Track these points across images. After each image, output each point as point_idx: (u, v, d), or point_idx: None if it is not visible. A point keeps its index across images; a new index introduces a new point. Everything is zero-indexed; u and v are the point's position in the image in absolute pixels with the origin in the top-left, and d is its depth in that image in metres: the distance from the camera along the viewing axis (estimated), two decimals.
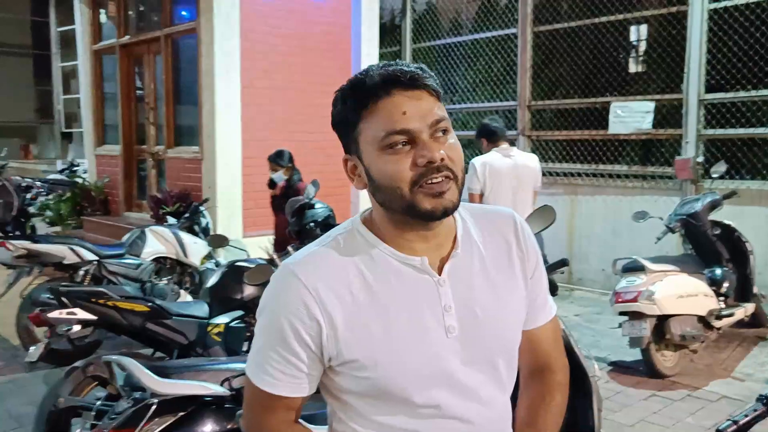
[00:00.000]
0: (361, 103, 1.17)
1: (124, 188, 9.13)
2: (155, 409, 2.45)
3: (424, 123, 1.15)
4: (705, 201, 5.51)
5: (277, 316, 1.20)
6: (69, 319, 3.49)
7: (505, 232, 1.32)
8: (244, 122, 7.43)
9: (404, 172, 1.15)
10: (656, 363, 4.93)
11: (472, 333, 1.23)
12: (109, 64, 9.50)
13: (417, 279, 1.22)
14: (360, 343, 1.18)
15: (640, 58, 8.18)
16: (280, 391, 1.22)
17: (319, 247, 1.25)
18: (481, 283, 1.27)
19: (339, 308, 1.18)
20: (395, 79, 1.15)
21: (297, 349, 1.19)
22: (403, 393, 1.20)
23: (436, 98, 1.19)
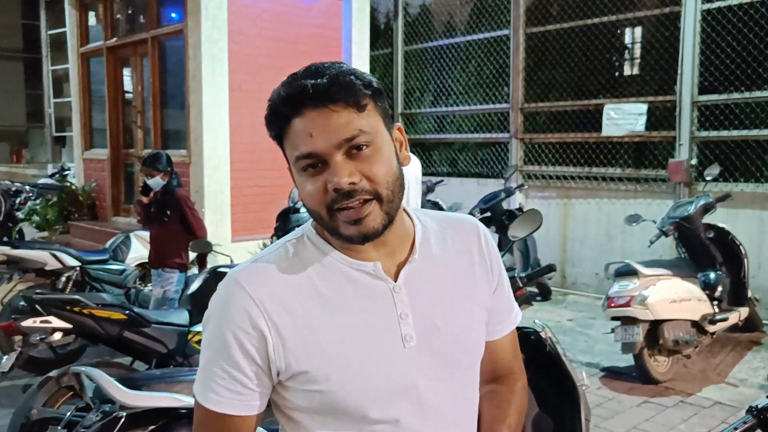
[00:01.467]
0: (278, 126, 1.11)
1: (112, 193, 9.03)
2: (124, 422, 2.36)
3: (332, 142, 1.06)
4: (698, 204, 5.44)
5: (220, 329, 1.12)
6: (43, 327, 3.38)
7: (467, 241, 1.27)
8: (232, 125, 7.34)
9: (319, 195, 1.08)
10: (649, 369, 4.85)
11: (431, 342, 1.16)
12: (98, 67, 9.41)
13: (370, 286, 1.15)
14: (310, 354, 1.10)
15: (634, 60, 8.13)
16: (225, 409, 1.12)
17: (267, 255, 1.18)
18: (441, 291, 1.20)
19: (287, 318, 1.11)
20: (301, 98, 1.07)
21: (241, 363, 1.11)
22: (358, 408, 1.11)
23: (357, 109, 1.07)
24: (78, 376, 2.65)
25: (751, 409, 1.90)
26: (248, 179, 7.51)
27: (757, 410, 1.88)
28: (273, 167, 7.66)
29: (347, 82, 1.07)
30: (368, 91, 1.10)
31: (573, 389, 2.63)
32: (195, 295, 3.91)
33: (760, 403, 1.89)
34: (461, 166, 9.03)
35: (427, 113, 9.62)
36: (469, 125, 9.07)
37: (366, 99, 1.09)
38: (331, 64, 1.11)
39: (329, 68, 1.09)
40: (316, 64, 1.12)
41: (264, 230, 6.83)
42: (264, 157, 7.63)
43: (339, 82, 1.07)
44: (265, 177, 7.53)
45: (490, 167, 8.69)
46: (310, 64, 1.13)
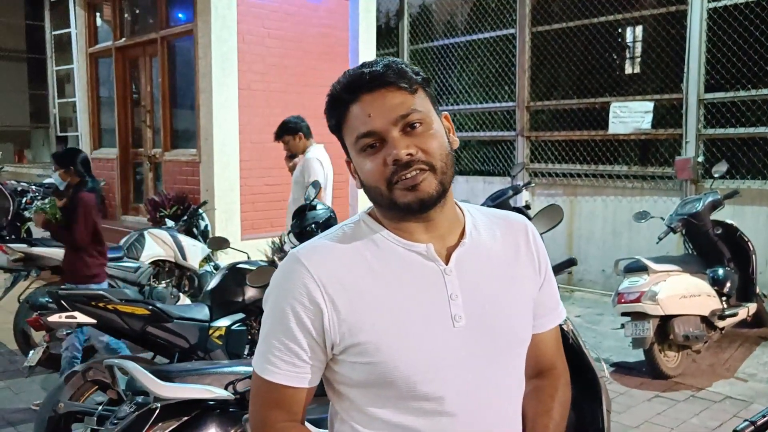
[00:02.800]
0: (337, 113, 1.22)
1: (121, 192, 9.06)
2: (158, 413, 2.41)
3: (389, 119, 1.16)
4: (706, 201, 5.49)
5: (279, 302, 1.20)
6: (69, 323, 3.42)
7: (515, 236, 1.33)
8: (242, 125, 7.38)
9: (379, 171, 1.18)
10: (659, 364, 4.90)
11: (480, 324, 1.22)
12: (105, 67, 9.44)
13: (423, 266, 1.22)
14: (363, 327, 1.17)
15: (639, 59, 8.17)
16: (280, 379, 1.20)
17: (326, 235, 1.27)
18: (490, 276, 1.26)
19: (342, 292, 1.17)
20: (358, 84, 1.19)
21: (298, 335, 1.18)
22: (406, 381, 1.17)
23: (410, 92, 1.19)
24: (111, 369, 2.70)
25: None
26: (257, 178, 7.55)
27: None
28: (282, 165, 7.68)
29: (399, 69, 1.19)
30: (418, 77, 1.21)
31: (594, 381, 2.67)
32: (214, 291, 3.95)
33: None
34: (467, 164, 9.08)
35: None
36: (474, 124, 9.11)
37: (416, 84, 1.21)
38: (383, 58, 1.24)
39: (381, 59, 1.22)
40: (369, 60, 1.24)
41: (273, 228, 6.88)
42: (273, 155, 7.66)
43: (392, 68, 1.19)
44: (274, 176, 7.57)
45: (496, 165, 8.74)
46: (364, 62, 1.24)
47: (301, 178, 5.11)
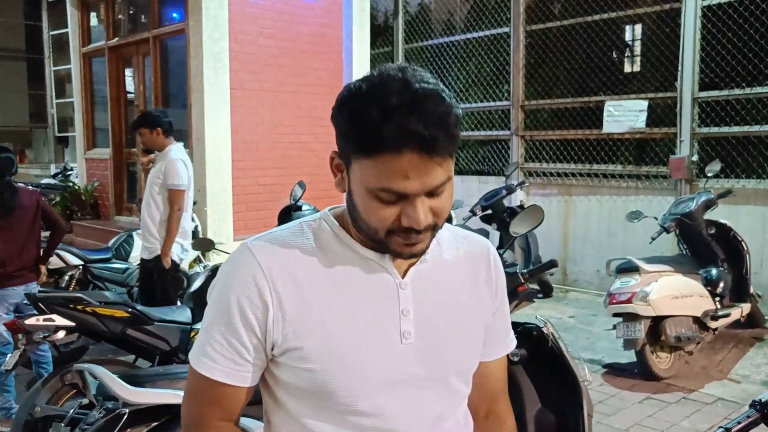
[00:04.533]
0: (365, 145, 1.05)
1: (114, 192, 9.05)
2: (127, 418, 2.37)
3: (425, 189, 1.06)
4: (700, 200, 5.44)
5: (225, 294, 1.13)
6: (46, 326, 3.39)
7: (477, 258, 1.29)
8: (234, 125, 7.35)
9: (385, 221, 1.09)
10: (651, 365, 4.86)
11: (428, 343, 1.17)
12: (99, 66, 9.42)
13: (378, 277, 1.17)
14: (309, 331, 1.12)
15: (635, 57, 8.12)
16: (218, 376, 1.14)
17: (283, 230, 1.20)
18: (445, 295, 1.22)
19: (292, 291, 1.12)
20: (413, 140, 1.02)
21: (241, 331, 1.12)
22: (347, 395, 1.12)
23: (451, 157, 1.08)
24: (81, 374, 2.66)
25: (755, 403, 1.88)
26: (250, 178, 7.52)
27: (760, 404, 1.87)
28: (274, 166, 7.69)
29: (453, 130, 1.05)
30: (460, 130, 1.09)
31: (575, 385, 2.63)
32: (198, 293, 3.92)
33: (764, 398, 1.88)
34: (462, 164, 9.04)
35: None
36: (469, 123, 9.07)
37: (455, 148, 1.09)
38: (430, 92, 1.04)
39: (434, 103, 1.04)
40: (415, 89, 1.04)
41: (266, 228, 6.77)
42: (265, 155, 7.66)
43: (448, 131, 1.04)
44: (266, 176, 7.54)
45: (491, 165, 8.69)
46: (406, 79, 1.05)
47: (159, 179, 4.71)
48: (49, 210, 4.54)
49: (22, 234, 4.24)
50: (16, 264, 4.20)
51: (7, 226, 4.18)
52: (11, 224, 4.20)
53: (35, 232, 4.36)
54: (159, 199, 4.71)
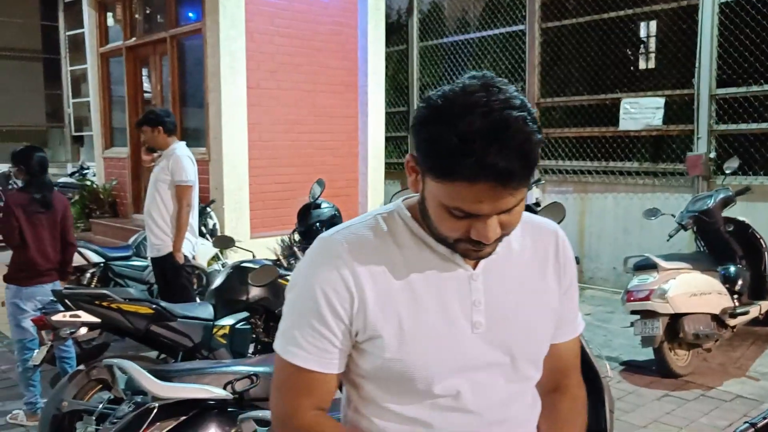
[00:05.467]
0: (440, 171, 1.06)
1: (132, 190, 9.13)
2: (156, 413, 2.41)
3: (495, 211, 1.09)
4: (717, 197, 5.42)
5: (311, 288, 1.19)
6: (72, 322, 3.44)
7: (546, 244, 1.32)
8: (251, 123, 7.40)
9: (455, 232, 1.13)
10: (669, 362, 4.85)
11: (498, 332, 1.22)
12: (117, 66, 9.51)
13: (450, 270, 1.21)
14: (387, 320, 1.17)
15: (651, 54, 8.09)
16: (310, 365, 1.19)
17: (359, 223, 1.25)
18: (514, 285, 1.26)
19: (371, 285, 1.17)
20: (486, 174, 1.02)
21: (329, 320, 1.18)
22: (424, 380, 1.19)
23: (526, 186, 1.09)
24: (110, 368, 2.72)
25: None
26: (267, 176, 7.57)
27: None
28: (291, 164, 7.74)
29: (532, 161, 1.04)
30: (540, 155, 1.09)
31: (597, 380, 2.64)
32: (219, 290, 3.96)
33: None
34: None
35: None
36: None
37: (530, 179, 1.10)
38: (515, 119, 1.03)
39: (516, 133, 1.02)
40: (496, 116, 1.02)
41: (283, 227, 6.89)
42: (282, 154, 7.71)
43: (527, 162, 1.04)
44: (283, 174, 7.59)
45: None
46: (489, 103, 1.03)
47: (167, 177, 4.74)
48: (70, 223, 4.58)
49: (53, 233, 4.32)
50: (47, 262, 4.28)
51: (41, 224, 4.26)
52: (45, 222, 4.28)
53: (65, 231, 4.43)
54: (167, 196, 4.75)
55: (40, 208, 4.25)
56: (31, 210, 4.23)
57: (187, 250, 4.78)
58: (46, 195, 4.28)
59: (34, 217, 4.24)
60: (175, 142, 4.89)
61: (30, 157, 4.32)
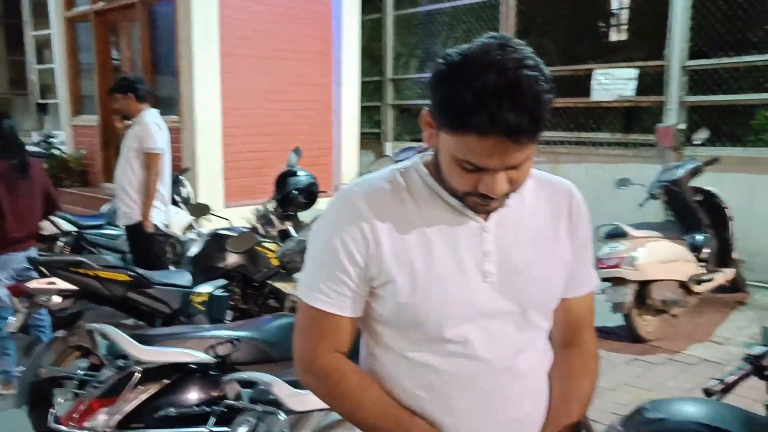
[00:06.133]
0: (453, 124, 1.12)
1: (103, 159, 8.98)
2: (139, 377, 2.42)
3: (504, 165, 1.14)
4: (686, 168, 5.53)
5: (330, 235, 1.27)
6: (48, 289, 3.41)
7: (559, 201, 1.36)
8: (225, 91, 7.30)
9: (464, 185, 1.19)
10: (638, 328, 4.98)
11: (509, 281, 1.27)
12: (84, 32, 9.27)
13: (463, 222, 1.27)
14: (401, 268, 1.24)
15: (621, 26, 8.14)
16: (331, 308, 1.27)
17: (377, 177, 1.32)
18: (525, 239, 1.30)
19: (387, 233, 1.24)
20: (502, 128, 1.08)
21: (347, 266, 1.25)
22: (434, 325, 1.25)
23: (536, 141, 1.14)
24: (90, 334, 2.71)
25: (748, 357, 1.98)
26: (241, 145, 7.50)
27: (753, 358, 1.97)
28: (265, 132, 7.67)
29: (542, 119, 1.10)
30: (551, 113, 1.13)
31: None
32: (197, 258, 3.96)
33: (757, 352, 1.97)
34: None
35: (416, 78, 9.61)
36: None
37: (540, 135, 1.14)
38: (528, 77, 1.08)
39: (528, 91, 1.08)
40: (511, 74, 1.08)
41: (258, 195, 6.84)
42: (256, 122, 7.64)
43: (537, 119, 1.09)
44: (258, 143, 7.53)
45: None
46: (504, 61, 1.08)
47: (135, 143, 4.70)
48: (51, 184, 4.52)
49: (30, 200, 4.25)
50: (23, 230, 4.21)
51: (20, 192, 4.19)
52: (24, 190, 4.20)
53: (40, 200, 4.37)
54: (136, 163, 4.70)
55: (19, 174, 4.17)
56: (11, 178, 4.16)
57: (158, 218, 4.74)
58: (23, 159, 4.21)
59: (14, 184, 4.17)
60: (147, 109, 4.82)
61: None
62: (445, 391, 1.27)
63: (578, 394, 1.38)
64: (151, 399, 2.42)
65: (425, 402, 1.28)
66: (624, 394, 4.14)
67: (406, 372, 1.29)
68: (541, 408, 1.36)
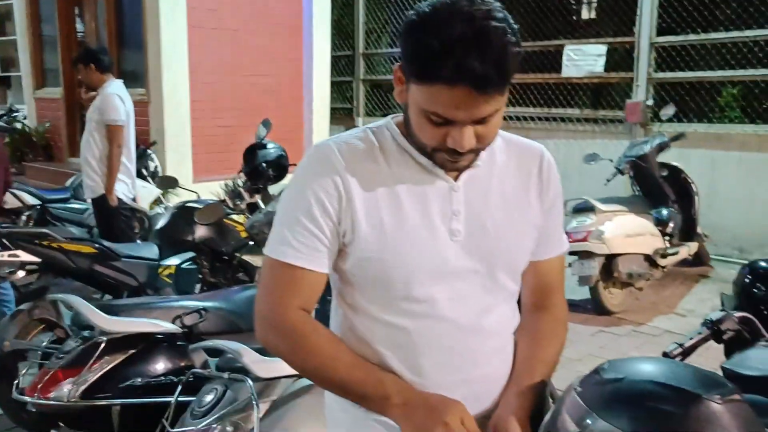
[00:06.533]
0: (422, 74, 1.13)
1: (67, 133, 8.81)
2: (105, 346, 2.40)
3: (471, 118, 1.15)
4: (653, 143, 5.61)
5: (303, 188, 1.26)
6: (11, 261, 3.35)
7: (529, 163, 1.36)
8: (192, 64, 7.19)
9: (433, 139, 1.19)
10: (603, 300, 5.06)
11: (476, 241, 1.28)
12: (47, 3, 9.03)
13: (432, 181, 1.28)
14: (371, 224, 1.24)
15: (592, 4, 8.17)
16: (300, 262, 1.25)
17: (350, 135, 1.31)
18: (495, 199, 1.31)
19: (358, 188, 1.25)
20: (467, 77, 1.08)
21: (319, 218, 1.24)
22: (402, 283, 1.25)
23: (502, 93, 1.14)
24: (54, 305, 2.68)
25: (707, 321, 2.03)
26: (209, 119, 7.41)
27: (711, 322, 2.02)
28: (235, 107, 7.59)
29: (508, 68, 1.11)
30: (516, 68, 1.13)
31: None
32: (164, 230, 3.93)
33: (715, 316, 2.03)
34: None
35: (387, 54, 9.56)
36: None
37: (507, 86, 1.15)
38: (495, 28, 1.09)
39: (495, 41, 1.09)
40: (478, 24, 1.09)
41: (227, 171, 6.77)
42: (226, 96, 7.54)
43: (503, 70, 1.10)
44: (227, 117, 7.44)
45: None
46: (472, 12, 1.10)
47: (96, 115, 4.62)
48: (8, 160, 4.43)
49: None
50: None
51: None
52: None
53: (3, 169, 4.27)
54: (98, 136, 4.60)
55: None
56: None
57: (122, 191, 4.65)
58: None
59: None
60: (110, 80, 4.72)
61: None
62: (411, 349, 1.27)
63: (544, 357, 1.38)
64: (116, 369, 2.40)
65: (392, 361, 1.28)
66: (589, 364, 4.16)
67: (374, 332, 1.30)
68: (506, 368, 1.37)
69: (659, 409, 1.10)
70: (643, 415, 1.10)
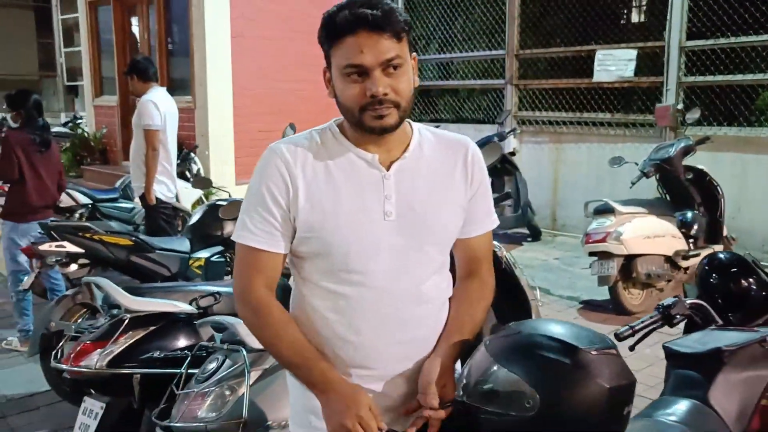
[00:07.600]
0: (333, 36, 1.42)
1: (122, 137, 9.33)
2: (128, 323, 2.71)
3: (378, 60, 1.40)
4: (678, 146, 5.64)
5: (258, 183, 1.51)
6: (58, 251, 3.73)
7: (456, 153, 1.60)
8: (235, 71, 7.57)
9: (356, 98, 1.43)
10: (623, 300, 5.15)
11: (407, 220, 1.52)
12: (106, 15, 9.60)
13: (368, 171, 1.52)
14: (314, 208, 1.48)
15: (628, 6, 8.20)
16: (258, 244, 1.50)
17: (297, 136, 1.57)
18: (422, 184, 1.55)
19: (302, 179, 1.49)
20: (362, 21, 1.38)
21: (272, 208, 1.49)
22: (341, 257, 1.49)
23: (397, 39, 1.41)
24: (89, 287, 3.00)
25: (659, 306, 2.21)
26: (251, 123, 7.77)
27: (663, 307, 2.19)
28: (273, 112, 7.93)
29: (396, 19, 1.41)
30: (406, 27, 1.45)
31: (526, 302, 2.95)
32: (195, 226, 4.24)
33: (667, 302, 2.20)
34: (459, 112, 9.24)
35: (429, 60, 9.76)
36: (472, 72, 9.23)
37: (404, 33, 1.44)
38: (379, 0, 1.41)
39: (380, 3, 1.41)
40: None
41: None
42: (266, 102, 7.89)
43: (391, 17, 1.41)
44: (266, 121, 7.79)
45: (486, 113, 8.89)
46: None
47: (135, 120, 5.04)
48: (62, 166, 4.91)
49: (50, 173, 4.62)
50: (42, 200, 4.59)
51: (39, 164, 4.55)
52: (43, 162, 4.56)
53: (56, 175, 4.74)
54: (139, 140, 4.99)
55: (39, 148, 4.53)
56: (31, 150, 4.52)
57: (161, 191, 5.00)
58: (45, 135, 4.57)
59: (34, 156, 4.53)
60: (153, 88, 5.08)
61: (26, 100, 4.60)
62: (351, 314, 1.51)
63: (472, 314, 1.62)
64: (138, 342, 2.71)
65: (335, 323, 1.52)
66: None
67: (320, 298, 1.53)
68: (438, 331, 1.60)
69: (546, 357, 1.35)
70: (534, 362, 1.35)
